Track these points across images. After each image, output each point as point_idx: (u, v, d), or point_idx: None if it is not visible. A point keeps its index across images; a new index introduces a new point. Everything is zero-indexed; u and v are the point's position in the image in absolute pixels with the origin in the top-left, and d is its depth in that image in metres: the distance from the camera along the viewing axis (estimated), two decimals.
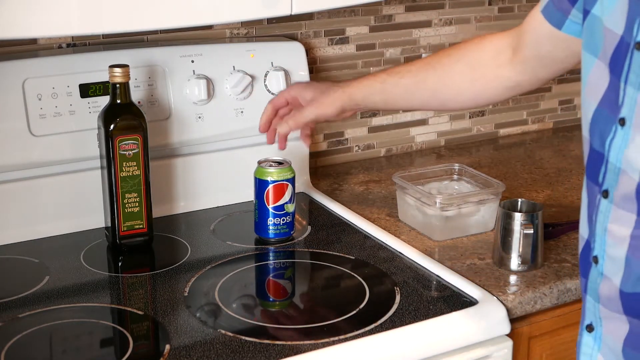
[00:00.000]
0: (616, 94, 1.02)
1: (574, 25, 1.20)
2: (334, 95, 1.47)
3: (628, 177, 1.01)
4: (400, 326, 1.25)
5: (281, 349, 1.19)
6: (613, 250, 1.05)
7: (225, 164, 1.68)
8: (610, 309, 1.06)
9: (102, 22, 1.31)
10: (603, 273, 1.07)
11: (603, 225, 1.06)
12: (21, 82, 1.48)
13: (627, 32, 1.01)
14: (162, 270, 1.43)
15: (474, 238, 1.55)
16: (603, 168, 1.05)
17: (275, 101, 1.54)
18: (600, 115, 1.06)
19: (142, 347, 1.22)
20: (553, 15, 1.24)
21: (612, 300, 1.06)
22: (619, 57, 1.02)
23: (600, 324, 1.09)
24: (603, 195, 1.06)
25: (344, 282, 1.44)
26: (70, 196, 1.55)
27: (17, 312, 1.28)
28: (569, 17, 1.20)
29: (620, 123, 1.02)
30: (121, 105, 1.43)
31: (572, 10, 1.19)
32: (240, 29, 1.76)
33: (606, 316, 1.08)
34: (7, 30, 1.25)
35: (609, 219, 1.05)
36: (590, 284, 1.10)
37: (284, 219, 1.52)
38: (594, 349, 1.11)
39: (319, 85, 1.52)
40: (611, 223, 1.05)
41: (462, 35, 2.02)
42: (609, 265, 1.06)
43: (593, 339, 1.11)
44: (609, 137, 1.04)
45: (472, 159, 1.97)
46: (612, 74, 1.03)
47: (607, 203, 1.05)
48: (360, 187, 1.80)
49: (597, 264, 1.08)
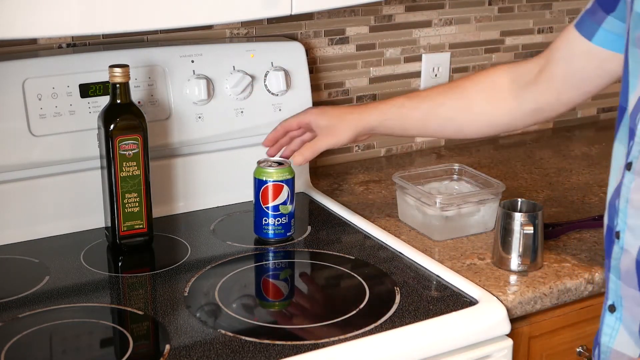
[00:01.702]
0: None
1: (607, 34, 1.20)
2: (350, 123, 1.46)
3: None
4: (400, 326, 1.25)
5: (281, 349, 1.19)
6: (633, 221, 1.07)
7: (225, 164, 1.68)
8: (628, 285, 1.09)
9: (102, 22, 1.31)
10: (623, 247, 1.09)
11: (626, 196, 1.08)
12: (21, 82, 1.48)
13: None
14: (162, 270, 1.43)
15: (474, 238, 1.55)
16: (632, 142, 1.08)
17: (287, 124, 1.54)
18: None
19: (142, 347, 1.22)
20: (586, 27, 1.23)
21: (630, 274, 1.08)
22: None
23: (621, 304, 1.12)
24: (627, 168, 1.08)
25: (344, 282, 1.44)
26: (70, 196, 1.55)
27: (17, 312, 1.28)
28: (601, 26, 1.20)
29: None
30: (121, 105, 1.43)
31: (607, 18, 1.19)
32: (240, 29, 1.76)
33: (626, 295, 1.10)
34: (7, 30, 1.25)
35: (630, 190, 1.07)
36: (613, 261, 1.12)
37: (280, 219, 1.52)
38: (614, 329, 1.13)
39: (334, 112, 1.51)
40: (633, 193, 1.07)
41: (462, 35, 2.02)
42: (629, 237, 1.08)
43: (614, 319, 1.13)
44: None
45: (472, 159, 1.97)
46: None
47: (630, 175, 1.07)
48: (360, 187, 1.80)
49: (619, 239, 1.10)
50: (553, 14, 2.13)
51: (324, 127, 1.49)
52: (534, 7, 2.10)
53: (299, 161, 1.48)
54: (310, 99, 1.74)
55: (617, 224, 1.11)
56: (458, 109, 1.42)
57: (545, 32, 2.14)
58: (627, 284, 1.10)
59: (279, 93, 1.69)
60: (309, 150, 1.48)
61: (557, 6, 2.13)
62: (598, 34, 1.22)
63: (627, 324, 1.12)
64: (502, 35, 2.09)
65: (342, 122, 1.47)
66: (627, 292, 1.11)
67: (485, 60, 2.07)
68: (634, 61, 1.10)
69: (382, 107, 1.47)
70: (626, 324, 1.12)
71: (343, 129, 1.47)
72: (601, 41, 1.22)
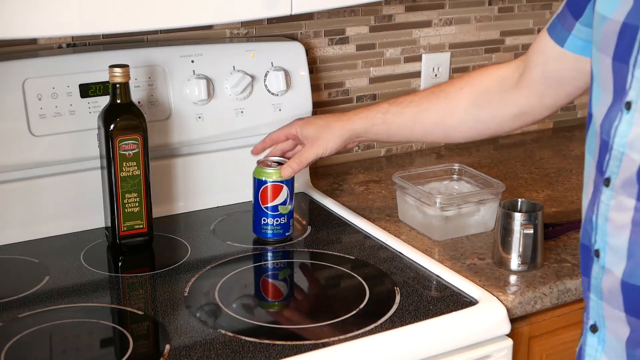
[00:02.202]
0: (624, 79, 1.01)
1: (577, 40, 1.19)
2: (335, 131, 1.47)
3: (630, 159, 1.00)
4: (400, 326, 1.25)
5: (281, 349, 1.19)
6: (614, 240, 1.03)
7: (225, 164, 1.68)
8: (612, 306, 1.05)
9: (102, 22, 1.31)
10: (605, 266, 1.05)
11: (604, 215, 1.04)
12: (21, 82, 1.48)
13: (632, 16, 1.00)
14: (162, 270, 1.43)
15: (474, 238, 1.55)
16: (607, 156, 1.04)
17: (275, 136, 1.56)
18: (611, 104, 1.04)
19: (142, 347, 1.22)
20: (558, 33, 1.23)
21: (614, 295, 1.05)
22: (626, 42, 1.00)
23: (603, 324, 1.08)
24: (605, 184, 1.04)
25: (344, 282, 1.44)
26: (70, 196, 1.55)
27: (17, 312, 1.28)
28: (572, 33, 1.20)
29: (626, 107, 1.00)
30: (121, 105, 1.43)
31: (576, 25, 1.19)
32: (240, 29, 1.76)
33: (609, 315, 1.07)
34: (7, 30, 1.25)
35: (609, 207, 1.03)
36: (593, 280, 1.09)
37: (278, 219, 1.52)
38: (598, 351, 1.10)
39: (319, 121, 1.51)
40: (612, 211, 1.03)
41: (462, 35, 2.02)
42: (610, 256, 1.04)
43: (597, 340, 1.10)
44: (614, 123, 1.02)
45: (472, 159, 1.97)
46: (618, 61, 1.02)
47: (608, 191, 1.04)
48: (360, 187, 1.80)
49: (599, 258, 1.06)
50: (553, 14, 2.13)
51: (310, 137, 1.50)
52: (534, 7, 2.10)
53: (287, 174, 1.49)
54: (310, 99, 1.74)
55: (596, 242, 1.07)
56: (443, 113, 1.41)
57: None
58: (610, 305, 1.06)
59: (279, 93, 1.69)
60: (295, 162, 1.49)
61: (557, 6, 2.13)
62: (569, 40, 1.21)
63: (611, 345, 1.08)
64: (502, 35, 2.09)
65: (329, 131, 1.47)
66: (610, 313, 1.06)
67: (485, 60, 2.07)
68: (596, 66, 1.08)
69: (368, 114, 1.46)
70: (610, 344, 1.08)
71: (329, 138, 1.47)
72: (573, 47, 1.22)
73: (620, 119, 1.01)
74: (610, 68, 1.04)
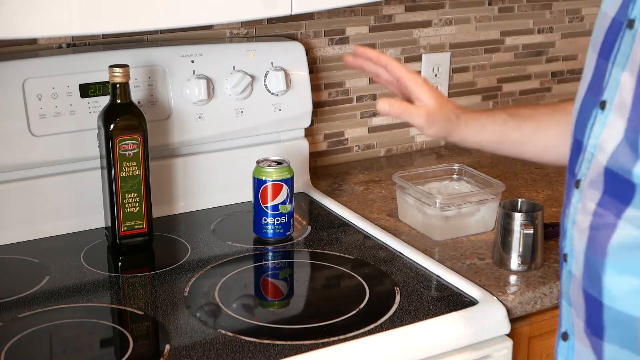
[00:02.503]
0: (602, 77, 0.97)
1: None
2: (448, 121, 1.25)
3: (597, 161, 0.96)
4: (400, 326, 1.25)
5: (281, 349, 1.19)
6: (577, 244, 0.99)
7: (225, 164, 1.68)
8: (578, 314, 1.01)
9: (102, 22, 1.31)
10: (571, 271, 1.02)
11: (572, 217, 1.00)
12: (21, 82, 1.48)
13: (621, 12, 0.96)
14: (162, 270, 1.43)
15: (474, 238, 1.55)
16: (581, 157, 1.00)
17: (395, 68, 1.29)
18: (585, 102, 1.00)
19: (142, 347, 1.22)
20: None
21: (578, 303, 1.01)
22: (611, 38, 0.97)
23: (573, 332, 1.04)
24: (575, 186, 1.00)
25: (344, 282, 1.44)
26: (70, 196, 1.55)
27: (17, 312, 1.28)
28: None
29: (600, 107, 0.96)
30: (121, 105, 1.43)
31: None
32: (240, 29, 1.76)
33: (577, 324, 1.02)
34: (7, 30, 1.25)
35: (577, 210, 0.99)
36: (563, 286, 1.05)
37: (279, 219, 1.52)
38: (568, 358, 1.06)
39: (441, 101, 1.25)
40: (578, 214, 0.99)
41: (462, 35, 2.02)
42: (575, 261, 1.00)
43: (567, 347, 1.06)
44: (589, 123, 0.98)
45: (472, 159, 1.97)
46: (602, 58, 0.98)
47: (577, 194, 1.00)
48: (360, 187, 1.80)
49: (566, 262, 1.03)
50: (553, 14, 2.13)
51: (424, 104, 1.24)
52: (534, 7, 2.10)
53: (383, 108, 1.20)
54: (310, 99, 1.74)
55: (565, 246, 1.03)
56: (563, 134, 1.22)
57: (545, 32, 2.14)
58: (577, 313, 1.01)
59: (279, 93, 1.69)
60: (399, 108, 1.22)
61: (557, 6, 2.13)
62: None
63: (580, 353, 1.03)
64: (502, 35, 2.08)
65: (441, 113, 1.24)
66: (577, 322, 1.02)
67: (485, 60, 2.07)
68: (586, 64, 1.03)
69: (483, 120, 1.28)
70: (579, 353, 1.03)
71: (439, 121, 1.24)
72: None
73: (595, 118, 0.97)
74: (594, 65, 1.00)
